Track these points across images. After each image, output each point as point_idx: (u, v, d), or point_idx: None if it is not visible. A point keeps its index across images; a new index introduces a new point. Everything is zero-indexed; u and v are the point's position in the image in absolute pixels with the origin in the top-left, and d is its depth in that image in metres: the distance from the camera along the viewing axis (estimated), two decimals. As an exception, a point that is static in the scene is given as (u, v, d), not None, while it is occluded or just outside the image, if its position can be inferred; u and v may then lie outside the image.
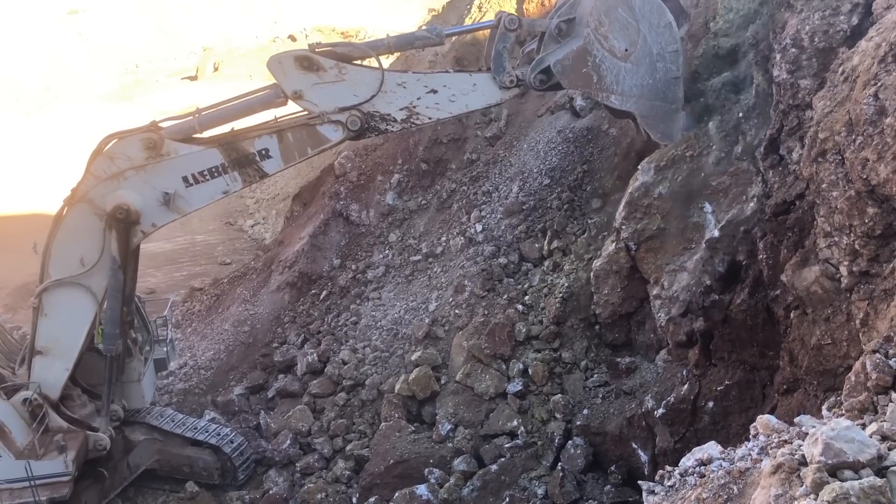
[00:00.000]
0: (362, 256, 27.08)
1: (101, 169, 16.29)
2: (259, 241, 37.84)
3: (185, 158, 16.20)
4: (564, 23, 15.78)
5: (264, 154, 16.14)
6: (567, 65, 15.65)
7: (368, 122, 15.91)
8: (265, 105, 16.17)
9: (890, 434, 5.11)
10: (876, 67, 9.51)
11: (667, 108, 16.00)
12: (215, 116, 16.37)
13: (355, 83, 15.65)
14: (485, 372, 20.28)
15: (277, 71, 15.65)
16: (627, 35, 15.53)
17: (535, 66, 15.85)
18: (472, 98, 16.14)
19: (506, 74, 15.83)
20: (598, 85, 15.82)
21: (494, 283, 22.46)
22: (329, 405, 22.48)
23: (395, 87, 15.77)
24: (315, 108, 15.78)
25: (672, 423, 14.56)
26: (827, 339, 10.49)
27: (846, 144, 9.67)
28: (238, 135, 16.36)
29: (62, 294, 17.22)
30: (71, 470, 17.33)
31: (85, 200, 16.47)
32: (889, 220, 8.88)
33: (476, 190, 26.09)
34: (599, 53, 15.54)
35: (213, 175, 16.26)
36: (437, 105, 15.95)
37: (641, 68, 15.72)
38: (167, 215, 16.77)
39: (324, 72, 15.49)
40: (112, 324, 17.52)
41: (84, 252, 16.85)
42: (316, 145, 16.21)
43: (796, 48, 12.60)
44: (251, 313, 26.71)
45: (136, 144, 16.08)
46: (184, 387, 24.61)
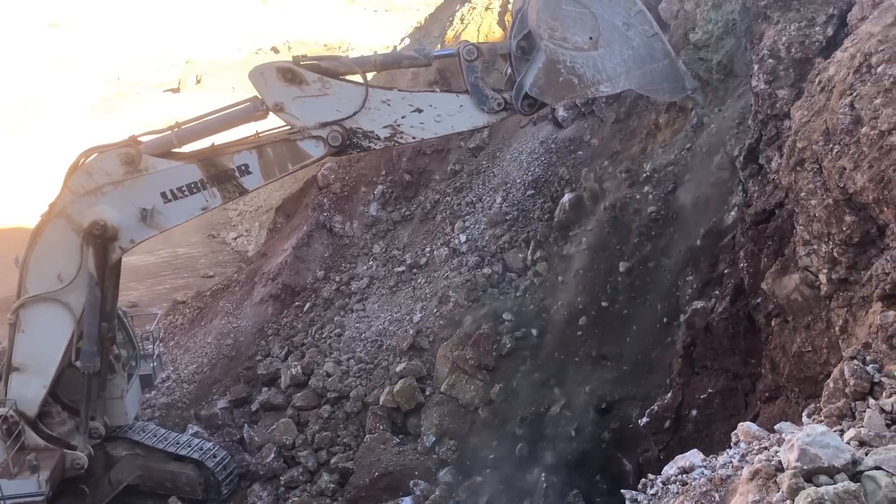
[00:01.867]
0: (346, 268, 27.03)
1: (79, 184, 16.09)
2: (242, 254, 37.68)
3: (163, 174, 15.95)
4: (523, 41, 15.21)
5: (244, 170, 15.85)
6: (542, 84, 15.03)
7: (350, 139, 15.56)
8: (245, 118, 15.89)
9: (867, 440, 5.15)
10: (851, 77, 9.63)
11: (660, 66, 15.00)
12: (194, 131, 16.10)
13: (338, 98, 15.34)
14: (469, 382, 20.27)
15: (259, 82, 15.35)
16: (584, 25, 14.70)
17: (516, 94, 15.30)
18: (458, 119, 15.66)
19: (490, 100, 15.35)
20: (582, 85, 15.09)
21: (479, 294, 22.48)
22: (313, 418, 22.37)
23: (380, 105, 15.42)
24: (296, 121, 15.47)
25: (656, 432, 14.59)
26: (807, 347, 10.56)
27: (824, 153, 9.77)
28: (217, 150, 16.11)
29: (39, 310, 16.99)
30: (44, 490, 17.00)
31: (62, 216, 16.25)
32: (866, 227, 8.97)
33: (460, 200, 26.15)
34: (567, 56, 14.83)
35: (192, 191, 15.97)
36: (422, 125, 15.57)
37: (615, 45, 14.82)
38: (145, 231, 16.52)
39: (307, 85, 15.19)
40: (90, 341, 17.24)
41: (62, 268, 16.62)
42: (296, 161, 15.92)
43: (773, 59, 12.74)
44: (234, 326, 26.58)
45: (114, 159, 15.84)
46: (166, 401, 24.42)
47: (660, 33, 15.04)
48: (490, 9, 30.97)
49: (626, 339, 17.47)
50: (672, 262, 15.97)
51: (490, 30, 30.47)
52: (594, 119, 24.07)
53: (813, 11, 12.49)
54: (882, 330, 7.86)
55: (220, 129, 16.16)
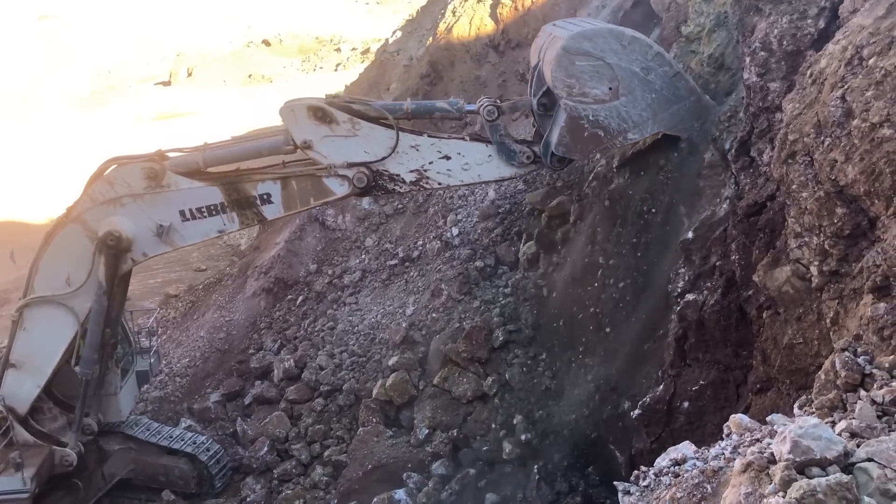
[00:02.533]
0: (339, 261, 27.03)
1: (99, 192, 16.08)
2: (234, 248, 37.61)
3: (184, 193, 15.92)
4: (544, 97, 15.16)
5: (266, 199, 15.81)
6: (567, 142, 14.85)
7: (376, 181, 15.49)
8: (273, 151, 15.85)
9: (858, 431, 5.18)
10: (843, 70, 9.66)
11: (686, 104, 15.01)
12: (222, 155, 16.08)
13: (368, 140, 15.28)
14: (462, 375, 20.30)
15: (289, 118, 15.32)
16: (601, 77, 14.55)
17: (543, 151, 15.22)
18: (486, 169, 15.59)
19: (519, 155, 15.32)
20: (608, 136, 14.91)
21: (471, 287, 22.50)
22: (306, 411, 22.40)
23: (408, 149, 15.35)
24: (323, 159, 15.41)
25: (648, 424, 14.63)
26: (798, 339, 10.61)
27: (815, 146, 9.80)
28: (242, 175, 16.09)
29: (44, 311, 16.99)
30: (29, 487, 16.96)
31: (79, 221, 16.24)
32: (857, 220, 9.00)
33: (452, 194, 26.14)
34: (589, 111, 14.65)
35: (211, 213, 15.93)
36: (449, 172, 15.48)
37: (636, 92, 14.71)
38: (159, 247, 16.49)
39: (336, 125, 15.15)
40: (91, 348, 17.26)
41: (71, 272, 16.62)
42: (319, 197, 15.88)
43: (765, 51, 12.74)
44: (227, 320, 26.57)
45: (138, 172, 15.81)
46: (159, 395, 24.42)
47: (681, 72, 15.03)
48: (482, 1, 30.90)
49: (619, 331, 17.49)
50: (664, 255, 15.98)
51: (482, 22, 30.41)
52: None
53: (805, 4, 12.50)
54: (873, 322, 7.91)
55: (247, 158, 16.22)
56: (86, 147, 44.45)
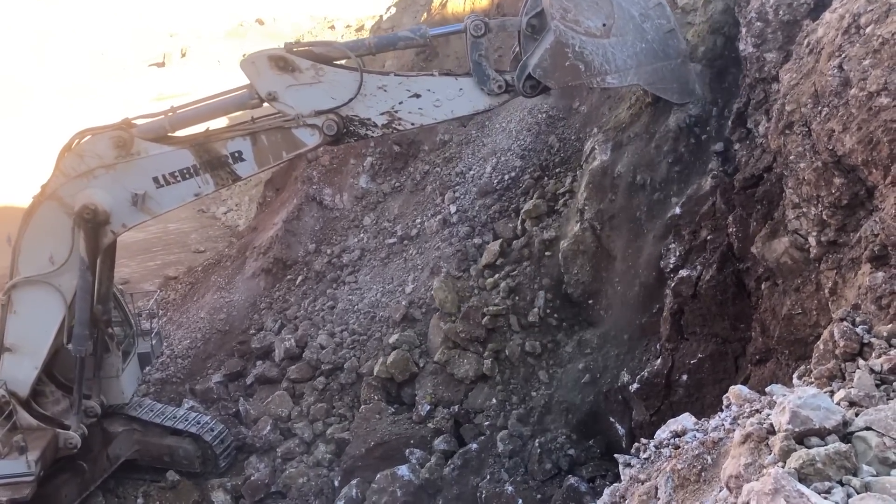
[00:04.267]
0: (337, 241, 27.01)
1: (71, 166, 15.86)
2: (233, 228, 37.61)
3: (155, 158, 15.70)
4: (534, 18, 14.71)
5: (237, 156, 15.57)
6: (547, 65, 14.50)
7: (347, 127, 15.20)
8: (239, 106, 15.59)
9: (857, 400, 5.21)
10: (840, 39, 9.60)
11: (672, 64, 14.71)
12: (188, 116, 15.82)
13: (333, 85, 14.94)
14: (462, 356, 20.37)
15: (251, 71, 15.01)
16: (599, 10, 14.23)
17: (519, 73, 14.75)
18: (458, 103, 15.19)
19: (491, 81, 14.86)
20: (588, 72, 14.57)
21: (470, 264, 22.51)
22: (308, 390, 22.49)
23: (376, 91, 14.99)
24: (290, 110, 15.14)
25: (647, 397, 14.72)
26: (797, 309, 10.65)
27: (812, 116, 9.77)
28: (211, 136, 15.83)
29: (31, 292, 16.87)
30: (34, 470, 17.01)
31: (54, 198, 16.02)
32: (855, 189, 8.99)
33: (449, 171, 26.08)
34: (577, 41, 14.31)
35: (185, 176, 15.72)
36: (421, 110, 15.14)
37: (628, 36, 14.36)
38: (137, 216, 16.30)
39: (300, 73, 14.82)
40: (82, 325, 17.15)
41: (53, 250, 16.47)
42: (291, 149, 15.62)
43: (761, 22, 12.66)
44: (227, 301, 26.60)
45: (106, 142, 15.57)
46: (161, 376, 24.50)
47: (677, 29, 14.67)
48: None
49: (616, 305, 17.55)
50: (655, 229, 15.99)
51: (477, -2, 30.13)
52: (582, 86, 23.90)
53: None
54: (871, 291, 7.93)
55: (213, 116, 15.91)
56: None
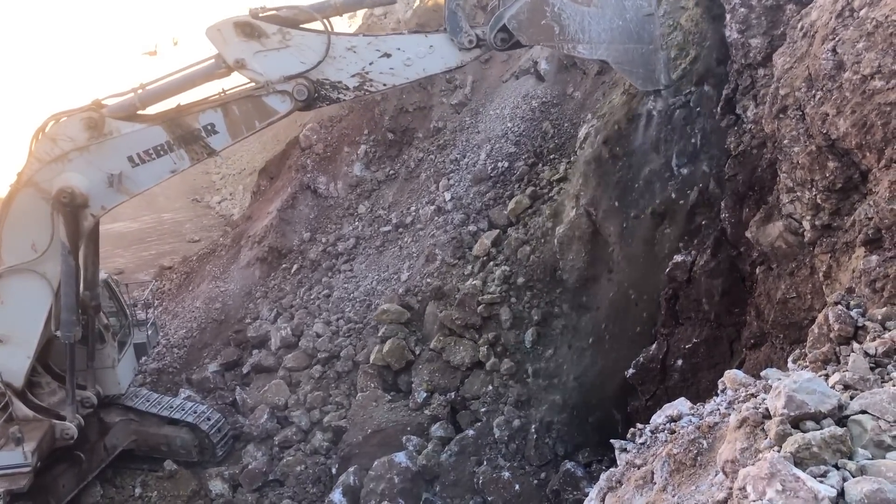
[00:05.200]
0: (332, 229, 26.98)
1: (44, 151, 15.61)
2: (227, 217, 37.52)
3: (128, 137, 15.46)
4: None
5: (210, 129, 15.35)
6: (523, 19, 14.25)
7: (318, 91, 14.93)
8: (207, 76, 15.26)
9: (852, 383, 5.23)
10: (833, 22, 9.57)
11: (643, 49, 14.61)
12: (156, 91, 15.53)
13: (301, 49, 14.66)
14: (458, 344, 20.41)
15: (217, 39, 14.71)
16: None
17: (492, 24, 14.46)
18: (430, 61, 14.91)
19: (463, 34, 14.54)
20: (562, 36, 14.36)
21: (465, 251, 22.51)
22: (305, 378, 22.53)
23: (345, 52, 14.73)
24: (259, 77, 14.86)
25: (643, 382, 14.76)
26: (792, 293, 10.67)
27: (806, 100, 9.74)
28: (182, 110, 15.55)
29: (17, 281, 16.74)
30: (31, 461, 16.96)
31: (31, 185, 15.78)
32: (849, 173, 8.99)
33: (444, 158, 26.04)
34: (558, 1, 14.16)
35: (159, 153, 15.48)
36: (392, 70, 14.86)
37: (608, 10, 14.25)
38: (116, 197, 16.04)
39: (266, 38, 14.54)
40: (69, 310, 17.04)
41: (35, 238, 16.29)
42: (263, 118, 15.36)
43: (745, 8, 12.60)
44: (222, 290, 26.57)
45: (77, 124, 15.34)
46: (157, 366, 24.50)
47: (655, 14, 14.53)
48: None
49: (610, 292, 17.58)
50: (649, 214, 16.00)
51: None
52: (577, 71, 23.89)
53: None
54: (865, 274, 7.94)
55: (183, 89, 15.59)
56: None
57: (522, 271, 20.66)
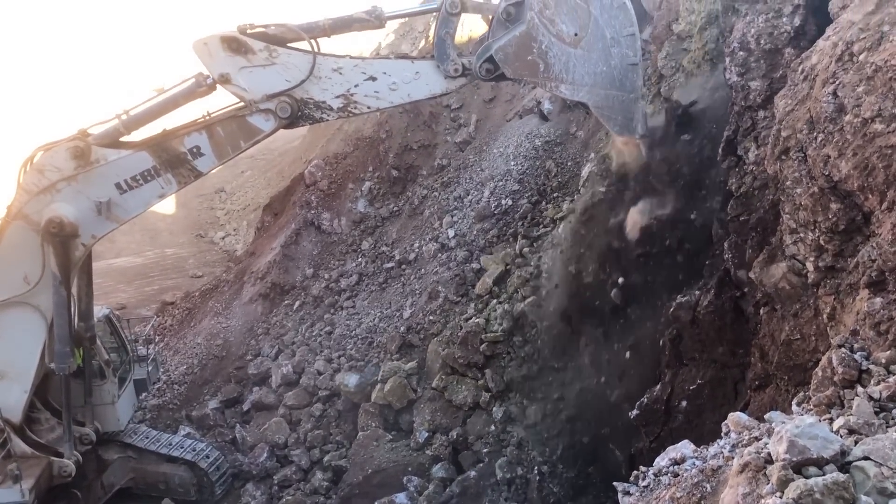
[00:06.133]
0: (335, 265, 27.00)
1: (32, 183, 15.60)
2: (230, 253, 37.57)
3: (114, 164, 15.44)
4: (513, 6, 14.46)
5: (196, 152, 15.32)
6: (510, 52, 14.34)
7: (302, 110, 14.91)
8: (189, 95, 15.20)
9: (856, 428, 5.17)
10: (834, 66, 9.65)
11: (624, 97, 14.64)
12: (140, 116, 15.49)
13: (287, 67, 14.66)
14: (460, 383, 20.29)
15: (203, 53, 14.66)
16: (577, 18, 14.13)
17: (480, 54, 14.55)
18: (415, 87, 14.93)
19: (450, 62, 14.56)
20: (546, 74, 14.44)
21: (468, 289, 22.48)
22: (305, 416, 22.36)
23: (331, 73, 14.75)
24: (244, 93, 14.85)
25: (647, 424, 14.62)
26: (796, 335, 10.60)
27: (808, 142, 9.79)
28: (167, 135, 15.55)
29: (11, 314, 16.66)
30: (28, 499, 16.67)
31: (20, 217, 15.77)
32: (852, 215, 9.00)
33: (447, 195, 26.14)
34: (545, 39, 14.23)
35: (147, 179, 15.44)
36: (377, 94, 14.87)
37: (594, 54, 14.30)
38: (105, 225, 16.01)
39: (253, 54, 14.54)
40: (62, 342, 16.94)
41: (27, 270, 16.24)
42: (248, 137, 15.30)
43: (744, 51, 12.75)
44: (224, 326, 26.51)
45: (64, 154, 15.35)
46: (157, 403, 24.35)
47: (640, 65, 14.67)
48: (474, 3, 30.84)
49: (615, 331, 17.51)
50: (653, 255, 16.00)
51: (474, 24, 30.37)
52: (580, 111, 24.07)
53: (780, 2, 12.53)
54: (869, 317, 7.90)
55: (166, 111, 15.61)
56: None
57: (525, 310, 20.59)
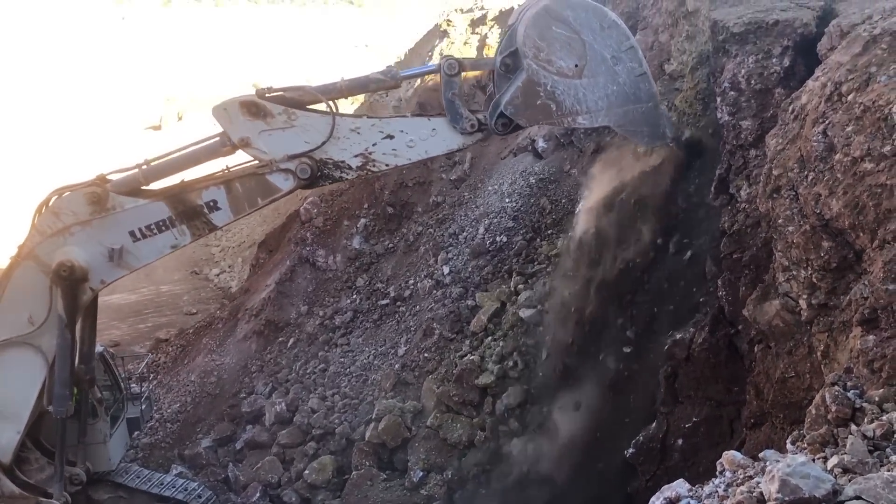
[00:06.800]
0: (330, 302, 26.93)
1: (46, 225, 15.64)
2: (225, 290, 37.48)
3: (131, 212, 15.49)
4: (508, 57, 14.52)
5: (212, 206, 15.36)
6: (518, 103, 14.39)
7: (321, 170, 15.11)
8: (212, 154, 15.33)
9: (850, 466, 5.16)
10: (823, 106, 9.80)
11: (643, 108, 14.52)
12: (161, 168, 15.57)
13: (306, 129, 14.87)
14: (455, 421, 20.15)
15: (223, 118, 14.88)
16: (572, 50, 14.11)
17: (491, 111, 14.71)
18: (432, 143, 15.16)
19: (464, 120, 14.78)
20: (560, 112, 14.45)
21: (462, 325, 22.43)
22: (299, 455, 22.13)
23: (349, 133, 14.95)
24: (264, 155, 14.95)
25: (643, 462, 14.53)
26: (790, 372, 10.60)
27: (799, 180, 9.90)
28: (185, 187, 15.62)
29: (11, 354, 16.59)
30: None
31: (31, 257, 15.74)
32: (843, 253, 9.05)
33: (442, 232, 26.20)
34: (548, 80, 14.24)
35: (161, 229, 15.47)
36: (395, 151, 15.10)
37: (600, 78, 14.26)
38: (115, 272, 15.96)
39: (272, 118, 14.74)
40: (62, 385, 16.87)
41: (32, 310, 16.22)
42: (266, 195, 15.43)
43: (735, 91, 12.94)
44: (218, 363, 26.34)
45: (81, 199, 15.37)
46: (149, 441, 24.09)
47: (648, 73, 14.61)
48: (468, 43, 31.35)
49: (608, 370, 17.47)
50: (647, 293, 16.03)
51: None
52: (573, 149, 24.27)
53: (769, 44, 12.74)
54: (863, 354, 7.90)
55: (187, 166, 15.76)
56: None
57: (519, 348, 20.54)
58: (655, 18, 20.84)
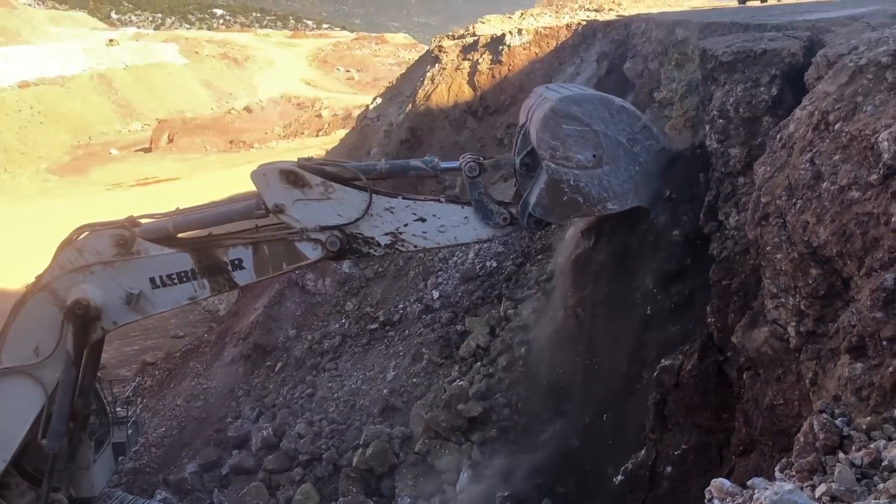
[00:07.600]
0: (318, 326, 26.84)
1: (68, 260, 15.59)
2: (213, 313, 37.30)
3: (154, 259, 15.53)
4: (527, 157, 15.04)
5: (237, 264, 15.42)
6: (546, 204, 14.60)
7: (350, 244, 15.18)
8: (245, 215, 15.49)
9: (838, 495, 5.12)
10: (811, 134, 9.88)
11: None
12: (192, 221, 15.74)
13: (341, 203, 15.01)
14: (443, 447, 20.01)
15: (261, 183, 15.02)
16: (587, 143, 14.31)
17: (521, 212, 14.97)
18: (463, 231, 15.24)
19: (496, 216, 15.07)
20: (588, 203, 14.60)
21: (452, 351, 22.36)
22: (285, 481, 21.92)
23: (382, 211, 15.09)
24: (296, 223, 15.09)
25: (632, 490, 14.42)
26: (779, 400, 10.58)
27: (787, 208, 9.95)
28: (212, 241, 15.69)
29: (11, 382, 16.46)
30: None
31: (47, 290, 15.72)
32: (831, 280, 9.08)
33: (432, 256, 26.21)
34: (570, 175, 14.41)
35: (182, 280, 15.52)
36: (425, 234, 15.19)
37: (620, 162, 14.47)
38: (129, 315, 15.94)
39: (309, 188, 14.89)
40: (60, 420, 16.72)
41: (40, 342, 16.12)
42: (292, 261, 15.52)
43: (723, 119, 13.02)
44: (204, 387, 26.17)
45: (107, 240, 15.41)
46: (134, 466, 23.85)
47: (667, 147, 14.81)
48: (460, 69, 31.54)
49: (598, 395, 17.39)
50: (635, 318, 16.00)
51: (460, 89, 30.98)
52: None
53: (757, 73, 12.84)
54: (850, 382, 7.91)
55: (218, 223, 15.80)
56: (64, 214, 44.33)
57: (509, 373, 20.47)
58: (645, 46, 21.06)
